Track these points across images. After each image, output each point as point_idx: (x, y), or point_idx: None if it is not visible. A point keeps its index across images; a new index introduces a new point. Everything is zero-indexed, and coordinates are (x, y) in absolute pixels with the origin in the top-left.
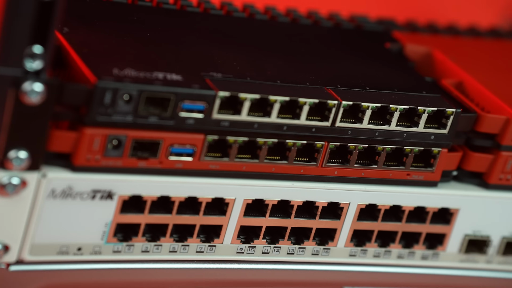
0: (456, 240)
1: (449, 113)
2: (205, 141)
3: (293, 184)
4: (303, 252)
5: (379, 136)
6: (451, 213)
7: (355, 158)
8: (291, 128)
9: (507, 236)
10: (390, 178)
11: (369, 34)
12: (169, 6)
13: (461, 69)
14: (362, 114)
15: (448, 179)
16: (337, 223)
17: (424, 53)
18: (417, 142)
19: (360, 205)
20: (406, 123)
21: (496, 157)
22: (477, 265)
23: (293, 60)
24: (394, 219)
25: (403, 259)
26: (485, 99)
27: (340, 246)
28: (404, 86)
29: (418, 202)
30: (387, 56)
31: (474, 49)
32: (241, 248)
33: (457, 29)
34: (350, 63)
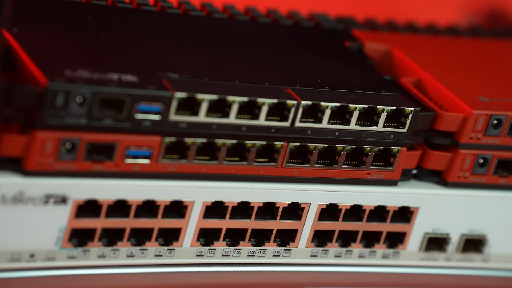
0: (416, 238)
1: (407, 112)
2: (162, 143)
3: (253, 185)
4: (264, 254)
5: (339, 136)
6: (411, 211)
7: (315, 158)
8: (250, 128)
9: (465, 234)
10: (350, 178)
11: (328, 32)
12: (125, 5)
13: (420, 67)
14: (321, 113)
15: (408, 177)
16: (298, 223)
17: (384, 51)
18: (376, 141)
19: (320, 205)
20: (365, 122)
21: (454, 155)
22: (437, 263)
23: (252, 59)
24: (355, 218)
25: (364, 258)
26: (443, 97)
27: (301, 246)
28: (364, 85)
29: (378, 201)
30: (347, 54)
31: (432, 47)
32: (201, 251)
33: (416, 27)
34: (310, 62)
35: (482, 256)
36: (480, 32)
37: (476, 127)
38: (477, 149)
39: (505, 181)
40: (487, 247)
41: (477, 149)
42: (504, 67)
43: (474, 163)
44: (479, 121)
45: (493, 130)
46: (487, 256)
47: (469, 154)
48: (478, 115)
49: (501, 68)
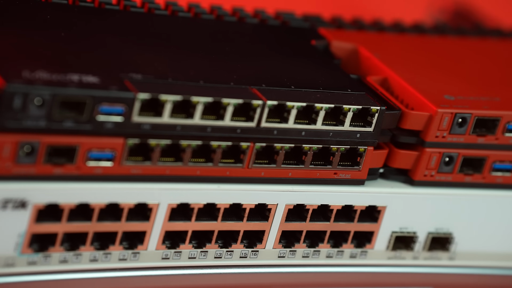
0: (383, 237)
1: (373, 111)
2: (126, 145)
3: (219, 186)
4: (231, 256)
5: (305, 136)
6: (379, 210)
7: (281, 158)
8: (215, 129)
9: (432, 232)
10: (317, 178)
11: (295, 31)
12: (86, 3)
13: (386, 65)
14: (287, 113)
15: (374, 177)
16: (265, 224)
17: (350, 50)
18: (343, 140)
19: (288, 205)
20: (332, 121)
21: (420, 153)
22: (404, 261)
23: (217, 59)
24: (322, 218)
25: (332, 258)
26: (409, 95)
27: (268, 248)
28: (330, 84)
29: (345, 201)
30: (313, 53)
31: (399, 45)
32: (166, 254)
33: (382, 25)
34: (276, 61)
35: (448, 254)
36: (445, 30)
37: (441, 125)
38: (443, 148)
39: (471, 179)
40: (454, 245)
41: (443, 148)
42: (468, 65)
43: (440, 162)
44: (444, 119)
45: (458, 129)
46: (454, 254)
47: (435, 153)
48: (443, 113)
49: (465, 66)
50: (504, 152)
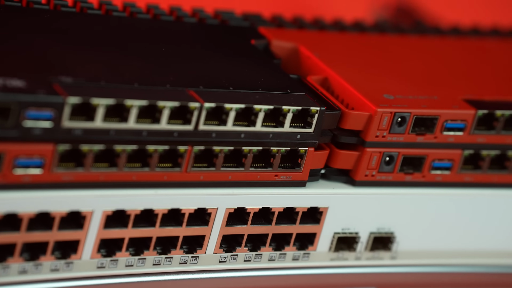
0: (326, 238)
1: (313, 111)
2: (56, 152)
3: (156, 191)
4: (170, 262)
5: (244, 138)
6: (320, 212)
7: (221, 161)
8: (151, 133)
9: (374, 232)
10: (258, 180)
11: (234, 30)
12: (13, 3)
13: (326, 65)
14: (226, 115)
15: (316, 178)
16: (205, 229)
17: (291, 49)
18: (283, 142)
19: (228, 209)
20: (271, 123)
21: (361, 153)
22: (347, 262)
23: (153, 60)
24: (264, 221)
25: (274, 261)
26: (349, 95)
27: (209, 253)
28: (269, 84)
29: (287, 202)
30: (253, 53)
31: (339, 44)
32: (102, 263)
33: (323, 23)
34: (214, 61)
35: (390, 254)
36: (385, 28)
37: (381, 125)
38: (383, 147)
39: (411, 178)
40: (395, 244)
41: (383, 147)
42: (408, 63)
43: (380, 161)
44: (384, 119)
45: (398, 128)
46: (395, 253)
47: (376, 152)
48: (383, 113)
49: (405, 65)
50: (443, 151)
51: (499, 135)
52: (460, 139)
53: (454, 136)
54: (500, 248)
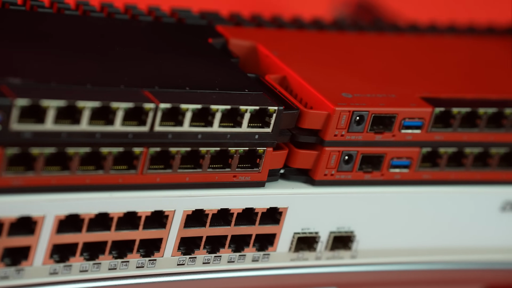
0: (286, 239)
1: (271, 111)
2: (4, 155)
3: (111, 194)
4: (127, 266)
5: (202, 139)
6: (280, 212)
7: (178, 162)
8: (105, 135)
9: (334, 231)
10: (216, 181)
11: (191, 28)
12: None
13: (284, 63)
14: (182, 116)
15: (275, 178)
16: (163, 232)
17: (249, 48)
18: (241, 142)
19: (186, 211)
20: (229, 123)
21: (320, 153)
22: (307, 262)
23: (106, 60)
24: (223, 223)
25: (234, 263)
26: (307, 94)
27: (167, 256)
28: (227, 84)
29: (246, 203)
30: (210, 52)
31: (298, 42)
32: (54, 269)
33: (282, 21)
34: (170, 61)
35: (350, 253)
36: (344, 25)
37: (339, 124)
38: (342, 146)
39: (370, 177)
40: (355, 243)
41: (342, 146)
42: (367, 61)
43: (339, 160)
44: (342, 118)
45: (356, 126)
46: (356, 252)
47: (334, 151)
48: (341, 112)
49: (364, 63)
50: (401, 149)
51: (456, 132)
52: (418, 137)
53: (412, 134)
54: (459, 244)
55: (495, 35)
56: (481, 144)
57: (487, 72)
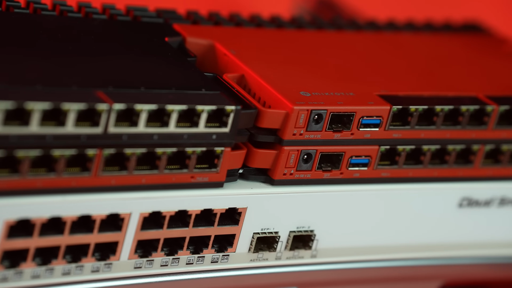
0: (245, 239)
1: (229, 110)
2: None
3: (64, 198)
4: (81, 271)
5: (158, 140)
6: (239, 212)
7: (133, 164)
8: (57, 137)
9: (294, 230)
10: (173, 183)
11: (147, 27)
12: None
13: (242, 62)
14: (137, 117)
15: (234, 178)
16: (119, 235)
17: (206, 46)
18: (199, 142)
19: (142, 213)
20: (186, 123)
21: (279, 152)
22: (267, 262)
23: (58, 60)
24: (181, 224)
25: (193, 265)
26: (266, 93)
27: (123, 259)
28: (183, 84)
29: (204, 204)
30: (167, 51)
31: (256, 40)
32: (4, 275)
33: (240, 19)
34: (125, 60)
35: (310, 252)
36: (303, 23)
37: (298, 123)
38: (301, 145)
39: (329, 175)
40: (315, 242)
41: (301, 145)
42: (325, 59)
43: (298, 159)
44: (301, 116)
45: (315, 125)
46: (316, 251)
47: (293, 151)
48: (299, 110)
49: (322, 61)
50: (360, 147)
51: (414, 130)
52: (376, 135)
53: (370, 132)
54: (418, 241)
55: (452, 32)
56: (439, 141)
57: (444, 69)
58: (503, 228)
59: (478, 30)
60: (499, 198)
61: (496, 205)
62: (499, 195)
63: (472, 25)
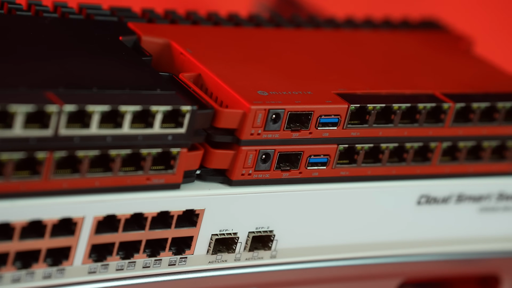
0: (203, 241)
1: (184, 111)
2: None
3: (13, 203)
4: (32, 277)
5: (111, 141)
6: (197, 214)
7: (85, 167)
8: (4, 141)
9: (253, 231)
10: (128, 185)
11: (101, 25)
12: None
13: (199, 61)
14: (89, 118)
15: (191, 179)
16: (71, 240)
17: (162, 45)
18: (154, 144)
19: (96, 217)
20: (141, 124)
21: (236, 152)
22: (226, 264)
23: (6, 59)
24: (137, 227)
25: (149, 268)
26: (222, 92)
27: (77, 264)
28: (138, 84)
29: (161, 207)
30: (121, 50)
31: (214, 39)
32: None
33: (196, 17)
34: (77, 60)
35: (270, 252)
36: (261, 21)
37: (255, 122)
38: (259, 145)
39: (288, 175)
40: (275, 243)
41: (259, 145)
42: (283, 57)
43: (256, 159)
44: (258, 116)
45: (273, 125)
46: (275, 251)
47: (251, 151)
48: (257, 110)
49: (280, 59)
50: (318, 146)
51: (372, 128)
52: (335, 133)
53: (328, 131)
54: (378, 239)
55: (410, 29)
56: (397, 139)
57: (401, 66)
58: (461, 225)
59: (436, 27)
60: (457, 195)
61: (454, 202)
62: (457, 192)
63: (429, 22)
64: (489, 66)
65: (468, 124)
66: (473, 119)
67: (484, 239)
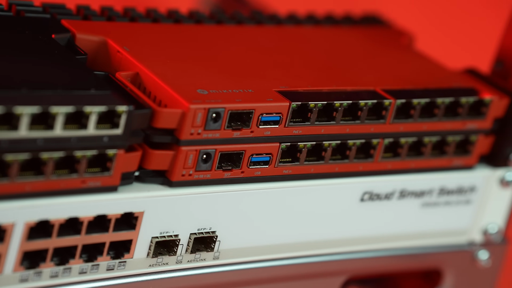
0: (143, 244)
1: (120, 111)
2: None
3: None
4: None
5: (43, 144)
6: (136, 217)
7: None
8: None
9: (195, 232)
10: (62, 189)
11: (32, 23)
12: None
13: (137, 59)
14: (17, 120)
15: (129, 181)
16: (1, 247)
17: (98, 43)
18: (89, 145)
19: (28, 223)
20: (74, 125)
21: (176, 152)
22: (167, 267)
23: None
24: (73, 232)
25: (86, 274)
26: (161, 92)
27: (7, 272)
28: (71, 83)
29: (97, 210)
30: (53, 48)
31: (153, 36)
32: None
33: (135, 14)
34: (5, 59)
35: (213, 254)
36: (202, 18)
37: (195, 122)
38: (199, 145)
39: (230, 175)
40: (217, 244)
41: (199, 145)
42: (223, 55)
43: (197, 160)
44: (198, 115)
45: (213, 124)
46: (218, 252)
47: (192, 151)
48: (196, 109)
49: (220, 57)
50: (260, 145)
51: (314, 126)
52: (277, 132)
53: (270, 129)
54: (322, 237)
55: (352, 24)
56: (339, 136)
57: (343, 62)
58: (404, 220)
59: (378, 22)
60: (399, 191)
61: (397, 198)
62: (399, 188)
63: (371, 17)
64: (429, 61)
65: (409, 120)
66: (414, 115)
67: (427, 234)
